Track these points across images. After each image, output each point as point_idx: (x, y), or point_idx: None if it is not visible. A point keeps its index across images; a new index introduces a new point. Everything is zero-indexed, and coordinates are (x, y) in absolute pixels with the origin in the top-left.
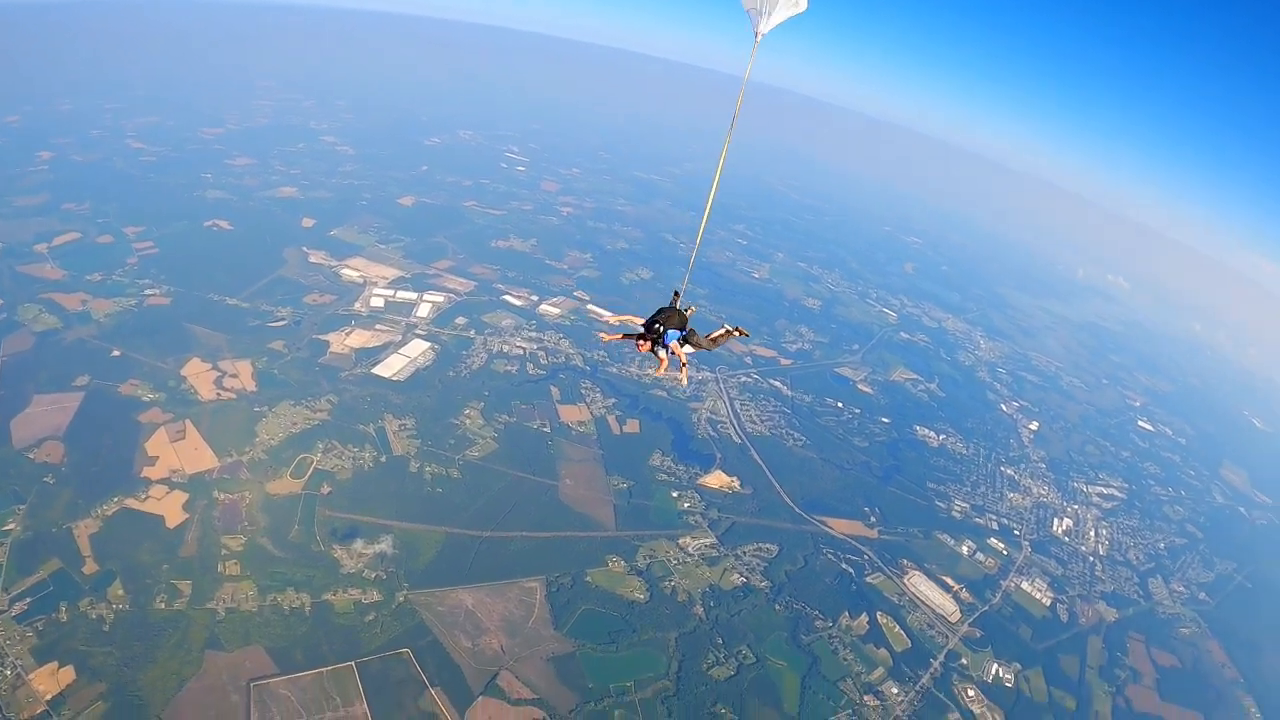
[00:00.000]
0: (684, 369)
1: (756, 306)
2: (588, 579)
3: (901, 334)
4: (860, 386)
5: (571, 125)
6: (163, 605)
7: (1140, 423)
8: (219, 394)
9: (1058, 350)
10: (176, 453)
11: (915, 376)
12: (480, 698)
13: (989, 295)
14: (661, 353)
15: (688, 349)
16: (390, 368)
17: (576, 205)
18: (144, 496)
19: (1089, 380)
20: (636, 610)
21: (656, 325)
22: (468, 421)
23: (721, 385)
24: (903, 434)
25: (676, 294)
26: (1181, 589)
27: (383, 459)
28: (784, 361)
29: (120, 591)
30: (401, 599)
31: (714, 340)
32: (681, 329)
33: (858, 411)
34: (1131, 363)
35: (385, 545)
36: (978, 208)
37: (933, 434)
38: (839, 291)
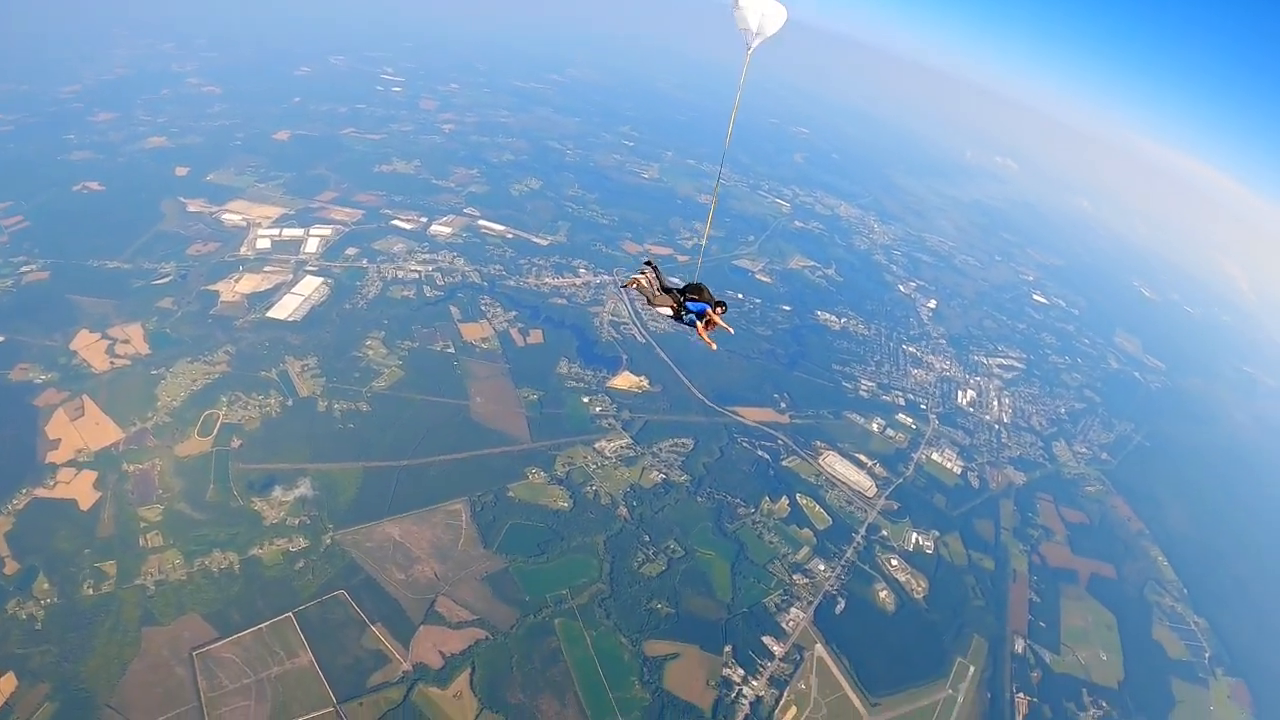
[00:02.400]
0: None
1: (648, 207)
2: (510, 494)
3: (796, 223)
4: (759, 277)
5: (446, 39)
6: (91, 591)
7: (1034, 296)
8: (113, 363)
9: (950, 230)
10: (78, 431)
11: (813, 263)
12: (421, 627)
13: (880, 180)
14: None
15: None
16: (285, 309)
17: (458, 121)
18: (52, 483)
19: (982, 258)
20: (562, 519)
21: (686, 301)
22: (370, 353)
23: (619, 286)
24: (804, 320)
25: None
26: (1084, 450)
27: (289, 403)
28: (680, 258)
29: (45, 585)
30: (329, 541)
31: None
32: (702, 304)
33: (759, 301)
34: (1022, 240)
35: (304, 490)
36: (859, 95)
37: (834, 318)
38: (731, 185)
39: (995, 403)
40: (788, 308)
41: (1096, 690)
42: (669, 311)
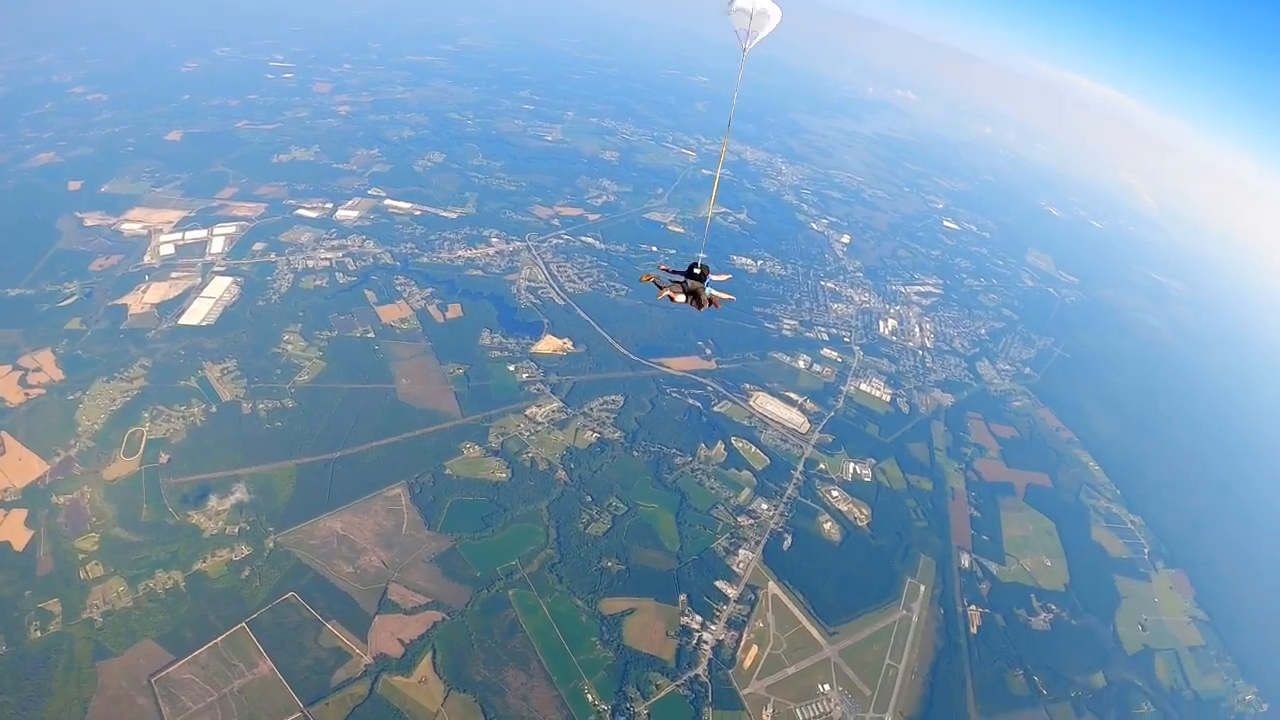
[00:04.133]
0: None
1: (554, 169)
2: (448, 472)
3: (703, 171)
4: (671, 228)
5: (333, 20)
6: (38, 633)
7: (945, 223)
8: (27, 394)
9: (857, 166)
10: (1, 470)
11: (724, 209)
12: (377, 617)
13: (783, 122)
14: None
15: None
16: (197, 314)
17: (353, 102)
18: None
19: (891, 190)
20: (502, 490)
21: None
22: (290, 347)
23: (534, 252)
24: (721, 266)
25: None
26: (1007, 367)
27: (213, 409)
28: (591, 217)
29: None
30: (272, 545)
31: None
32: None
33: (673, 252)
34: (929, 169)
35: (240, 496)
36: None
37: (750, 261)
38: (635, 140)
39: (917, 329)
40: (703, 256)
41: (1044, 595)
42: (687, 300)
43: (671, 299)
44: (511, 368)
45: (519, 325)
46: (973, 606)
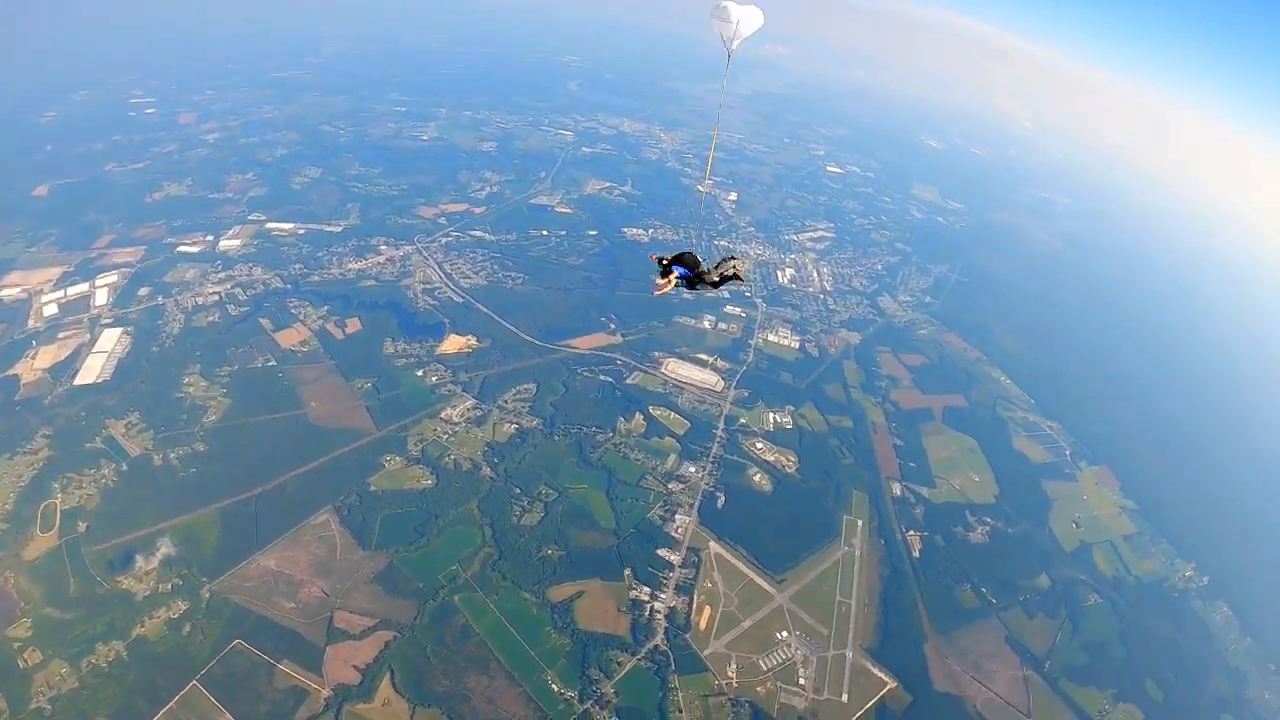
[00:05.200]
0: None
1: (434, 167)
2: (372, 488)
3: (583, 149)
4: (559, 209)
5: (190, 46)
6: None
7: (829, 168)
8: None
9: (736, 124)
10: None
11: (609, 184)
12: (328, 648)
13: (658, 91)
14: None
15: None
16: (91, 371)
17: (221, 128)
18: None
19: (771, 144)
20: (430, 496)
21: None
22: (192, 390)
23: (424, 254)
24: (613, 240)
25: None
26: (908, 298)
27: (124, 468)
28: (477, 210)
29: None
30: (208, 595)
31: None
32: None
33: (564, 233)
34: (807, 119)
35: (166, 551)
36: (621, 11)
37: (641, 231)
38: (511, 128)
39: (815, 274)
40: (594, 232)
41: (977, 509)
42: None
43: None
44: (420, 373)
45: (420, 329)
46: (911, 532)
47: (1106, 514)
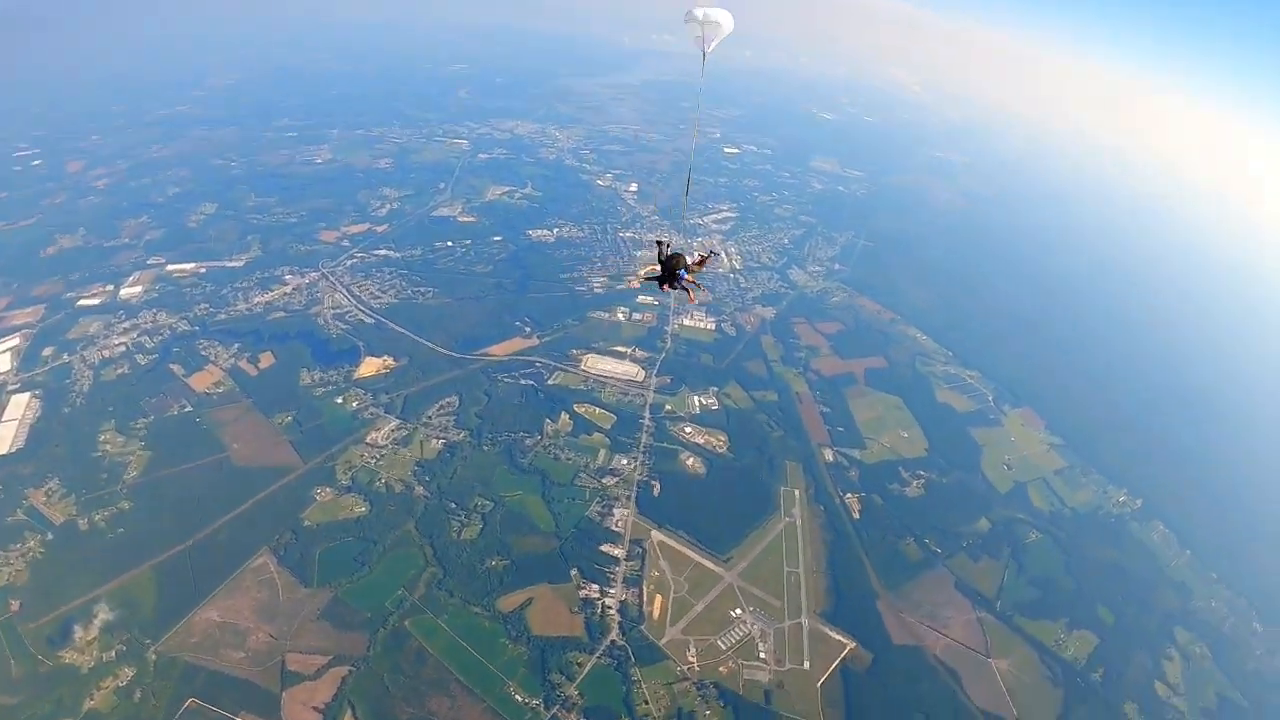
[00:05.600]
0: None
1: (331, 190)
2: (306, 523)
3: (480, 156)
4: (461, 219)
5: (70, 89)
6: None
7: (726, 149)
8: None
9: (630, 116)
10: None
11: (508, 188)
12: (284, 693)
13: (550, 90)
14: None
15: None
16: (3, 442)
17: (111, 173)
18: None
19: (668, 131)
20: (366, 524)
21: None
22: (109, 447)
23: (331, 279)
24: (519, 243)
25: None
26: (818, 268)
27: (49, 538)
28: (379, 229)
29: None
30: (154, 656)
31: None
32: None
33: (469, 242)
34: (713, 108)
35: (104, 617)
36: (506, 16)
37: (546, 231)
38: (406, 142)
39: (723, 254)
40: (499, 238)
41: (910, 464)
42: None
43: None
44: (340, 400)
45: (335, 355)
46: (849, 494)
47: (1035, 453)
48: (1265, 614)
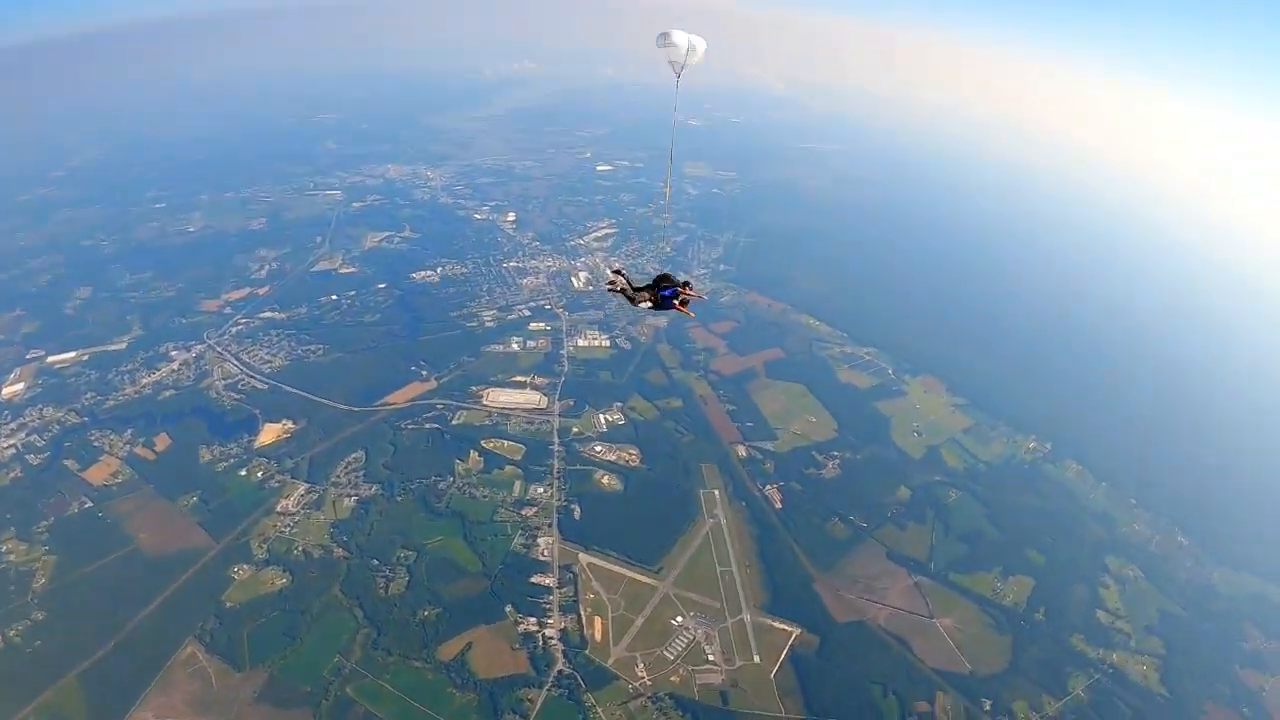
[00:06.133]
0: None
1: (205, 258)
2: (229, 604)
3: (354, 204)
4: (343, 271)
5: None
6: None
7: (598, 168)
8: None
9: (500, 147)
10: None
11: (386, 234)
12: None
13: (417, 130)
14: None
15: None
16: None
17: None
18: None
19: (540, 156)
20: (290, 595)
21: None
22: (11, 557)
23: (218, 349)
24: (404, 288)
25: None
26: (703, 270)
27: None
28: (261, 291)
29: None
30: None
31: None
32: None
33: (353, 293)
34: (568, 126)
35: None
36: (368, 61)
37: (430, 272)
38: (277, 199)
39: (607, 271)
40: (383, 285)
41: (823, 447)
42: (649, 304)
43: (633, 301)
44: (243, 472)
45: (233, 427)
46: (768, 486)
47: (941, 416)
48: (1186, 527)
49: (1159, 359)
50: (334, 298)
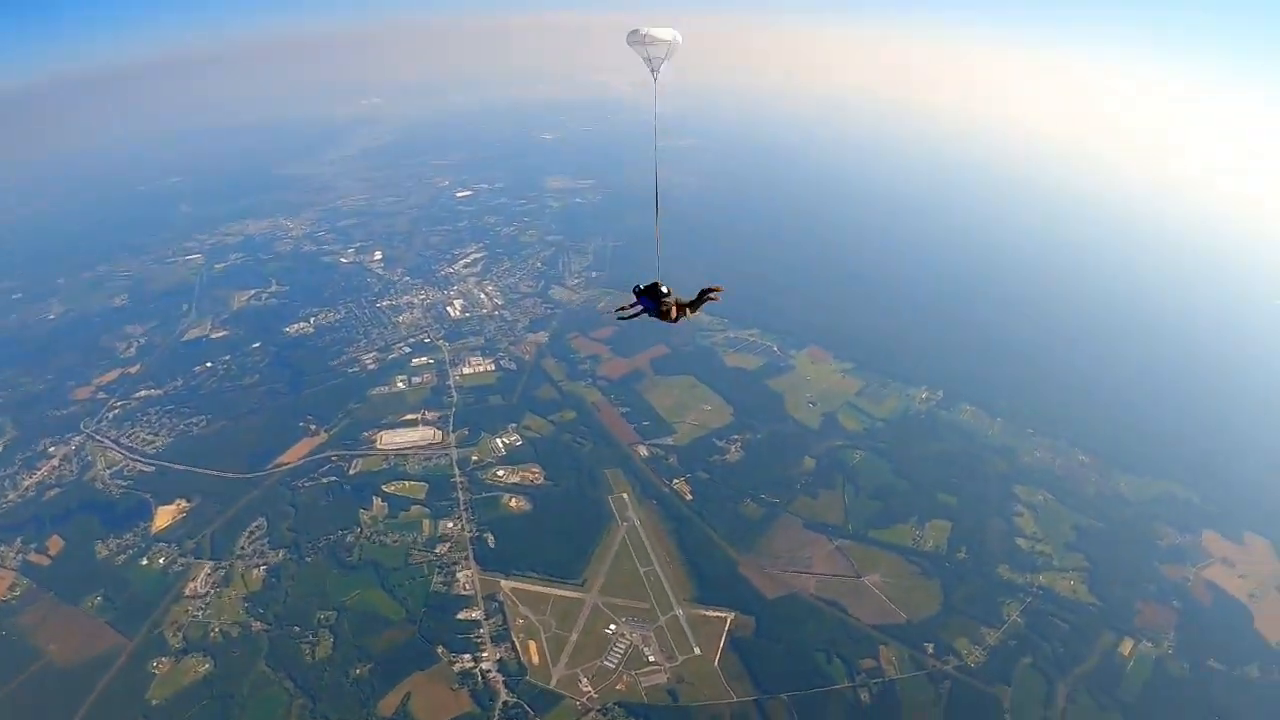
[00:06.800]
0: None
1: (71, 344)
2: (154, 702)
3: (217, 266)
4: (214, 336)
5: None
6: None
7: (458, 194)
8: None
9: (358, 186)
10: None
11: (254, 291)
12: None
13: (272, 181)
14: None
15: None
16: None
17: None
18: None
19: (398, 191)
20: (215, 680)
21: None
22: None
23: (97, 437)
24: (280, 343)
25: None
26: (576, 280)
27: None
28: (132, 370)
29: None
30: None
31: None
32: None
33: (228, 357)
34: (422, 157)
35: None
36: (211, 118)
37: (304, 324)
38: (137, 272)
39: (483, 296)
40: (258, 344)
41: (722, 433)
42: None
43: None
44: (144, 562)
45: (126, 517)
46: (676, 480)
47: (832, 383)
48: (1084, 446)
49: (1030, 293)
50: (209, 365)
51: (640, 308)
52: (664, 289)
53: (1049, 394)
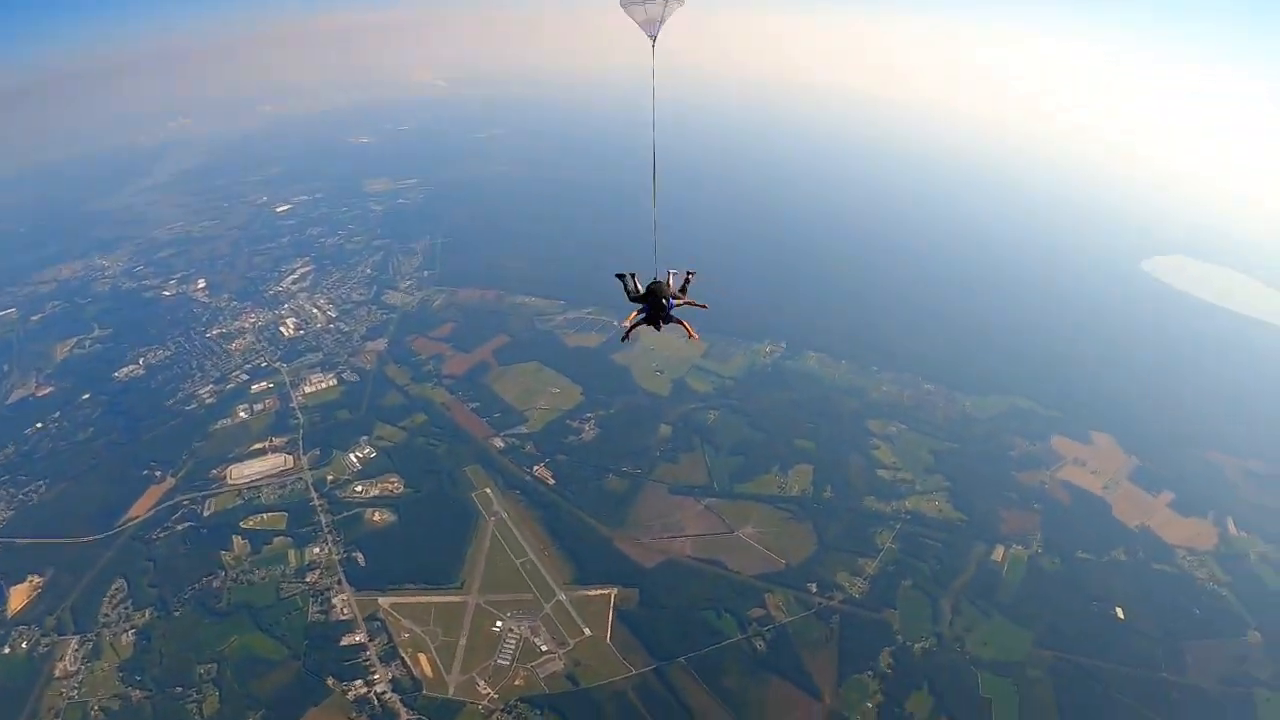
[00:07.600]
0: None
1: None
2: None
3: (33, 318)
4: (40, 394)
5: None
6: None
7: (277, 209)
8: None
9: (174, 214)
10: None
11: (76, 339)
12: None
13: (80, 219)
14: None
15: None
16: None
17: None
18: None
19: (216, 213)
20: None
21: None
22: None
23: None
24: (110, 390)
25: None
26: (409, 282)
27: None
28: None
29: None
30: None
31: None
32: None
33: (58, 415)
34: (236, 176)
35: None
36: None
37: (133, 366)
38: None
39: (315, 310)
40: (87, 395)
41: (574, 414)
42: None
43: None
44: (6, 650)
45: None
46: (536, 467)
47: (675, 350)
48: (926, 374)
49: (857, 242)
50: (39, 425)
51: (642, 316)
52: (660, 280)
53: (890, 333)
